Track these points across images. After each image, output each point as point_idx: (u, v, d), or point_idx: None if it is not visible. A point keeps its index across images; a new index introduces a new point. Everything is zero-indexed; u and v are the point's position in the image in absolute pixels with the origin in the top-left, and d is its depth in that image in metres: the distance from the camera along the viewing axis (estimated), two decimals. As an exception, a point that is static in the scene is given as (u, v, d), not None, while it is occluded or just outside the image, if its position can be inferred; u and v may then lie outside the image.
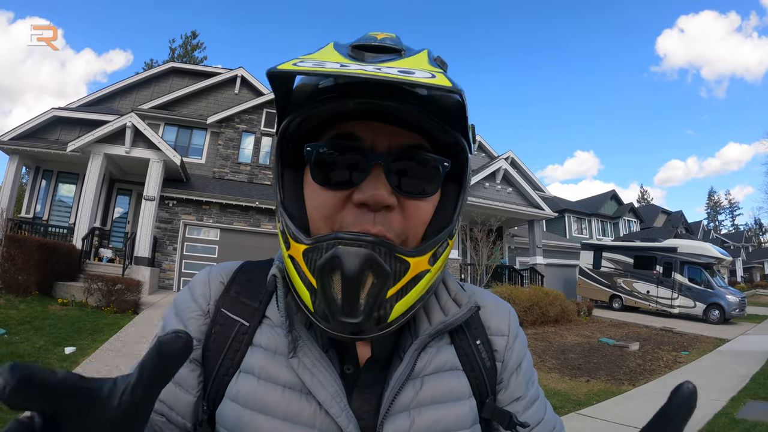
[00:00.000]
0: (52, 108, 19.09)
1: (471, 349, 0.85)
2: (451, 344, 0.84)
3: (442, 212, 0.79)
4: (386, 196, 0.69)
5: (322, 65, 0.60)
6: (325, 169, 0.72)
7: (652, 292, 21.34)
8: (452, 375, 0.81)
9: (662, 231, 39.45)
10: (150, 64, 48.66)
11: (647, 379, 9.30)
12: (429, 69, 0.64)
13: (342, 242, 0.66)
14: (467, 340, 0.86)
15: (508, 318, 0.94)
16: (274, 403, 0.73)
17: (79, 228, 14.92)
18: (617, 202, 42.90)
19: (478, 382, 0.84)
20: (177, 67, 24.46)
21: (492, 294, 0.99)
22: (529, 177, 29.05)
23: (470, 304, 0.84)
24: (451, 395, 0.79)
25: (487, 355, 0.87)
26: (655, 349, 12.31)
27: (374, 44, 0.72)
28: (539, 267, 22.52)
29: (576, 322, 16.60)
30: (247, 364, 0.77)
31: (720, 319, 18.91)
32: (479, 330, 0.89)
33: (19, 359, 4.66)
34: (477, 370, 0.84)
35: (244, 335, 0.80)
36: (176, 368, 0.43)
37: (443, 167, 0.74)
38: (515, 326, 0.94)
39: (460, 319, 0.82)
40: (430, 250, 0.73)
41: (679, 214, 50.73)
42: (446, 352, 0.82)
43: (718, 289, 19.73)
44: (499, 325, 0.91)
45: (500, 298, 0.99)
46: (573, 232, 36.62)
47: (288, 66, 0.60)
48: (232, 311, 0.82)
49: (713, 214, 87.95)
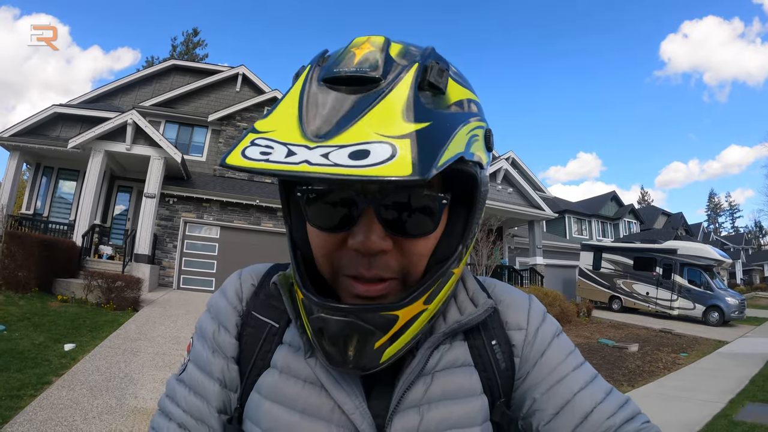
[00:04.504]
0: (53, 105, 19.02)
1: (485, 349, 0.84)
2: (464, 341, 0.83)
3: (447, 240, 0.75)
4: (378, 241, 0.66)
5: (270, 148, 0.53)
6: (318, 213, 0.70)
7: (652, 293, 21.38)
8: (463, 371, 0.80)
9: (662, 233, 39.42)
10: (151, 61, 48.62)
11: (646, 380, 9.33)
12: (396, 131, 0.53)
13: (324, 311, 0.67)
14: (482, 340, 0.85)
15: (527, 310, 0.90)
16: (294, 397, 0.76)
17: (79, 225, 14.92)
18: (618, 203, 42.86)
19: (491, 383, 0.83)
20: (178, 65, 24.42)
21: (512, 288, 0.97)
22: (530, 177, 29.07)
23: (487, 305, 0.83)
24: (462, 391, 0.79)
25: (503, 356, 0.85)
26: (654, 350, 12.34)
27: (348, 75, 0.61)
28: (539, 267, 22.62)
29: (575, 323, 16.63)
30: (274, 360, 0.81)
31: (719, 321, 18.98)
32: (497, 329, 0.87)
33: (19, 355, 4.71)
34: (490, 371, 0.83)
35: (275, 336, 0.83)
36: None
37: (441, 205, 0.69)
38: (537, 317, 0.90)
39: (475, 319, 0.81)
40: (423, 295, 0.70)
41: (679, 216, 50.71)
42: (459, 349, 0.82)
43: (717, 291, 19.78)
44: (516, 319, 0.89)
45: (522, 291, 0.97)
46: (573, 232, 36.63)
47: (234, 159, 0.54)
48: (262, 313, 0.86)
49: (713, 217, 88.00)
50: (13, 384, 6.10)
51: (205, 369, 0.85)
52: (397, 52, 0.66)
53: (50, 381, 6.34)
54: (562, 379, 0.84)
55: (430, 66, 0.64)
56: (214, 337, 0.86)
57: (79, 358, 7.46)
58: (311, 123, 0.56)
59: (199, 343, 0.88)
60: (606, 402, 0.82)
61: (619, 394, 0.86)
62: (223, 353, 0.85)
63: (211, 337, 0.86)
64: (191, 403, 0.84)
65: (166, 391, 0.89)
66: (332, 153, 0.50)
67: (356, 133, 0.53)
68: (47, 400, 5.67)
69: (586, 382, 0.84)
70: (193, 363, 0.87)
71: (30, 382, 6.24)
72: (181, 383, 0.87)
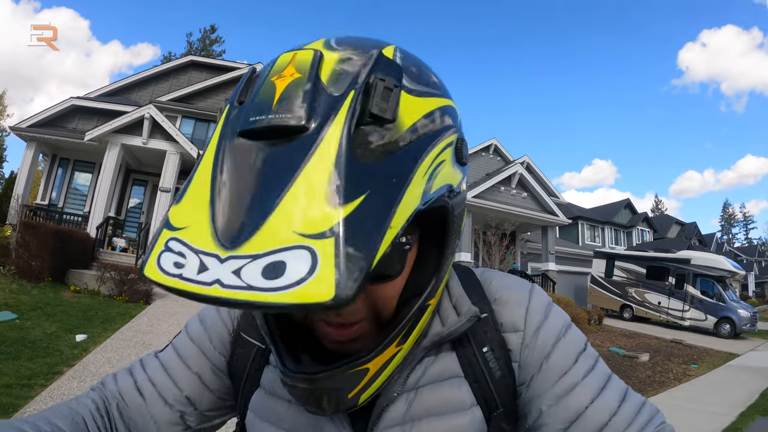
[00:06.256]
0: (70, 97, 19.27)
1: (476, 358, 0.78)
2: (452, 351, 0.78)
3: (419, 274, 0.70)
4: None
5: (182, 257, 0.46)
6: None
7: (664, 303, 21.22)
8: (451, 384, 0.76)
9: (676, 242, 39.14)
10: (168, 56, 49.04)
11: (657, 390, 9.27)
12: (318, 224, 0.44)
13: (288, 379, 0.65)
14: (471, 348, 0.78)
15: (525, 309, 0.81)
16: (280, 416, 0.78)
17: (93, 216, 15.08)
18: (631, 211, 42.62)
19: (485, 394, 0.77)
20: (196, 61, 24.56)
21: (512, 281, 0.87)
22: (544, 183, 28.95)
23: (470, 313, 0.76)
24: (449, 406, 0.75)
25: (498, 363, 0.78)
26: (665, 360, 12.28)
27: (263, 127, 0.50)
28: (551, 273, 22.51)
29: (586, 331, 16.48)
30: (262, 380, 0.83)
31: (731, 334, 18.79)
32: (490, 332, 0.80)
33: (31, 344, 4.73)
34: (482, 381, 0.77)
35: (262, 357, 0.84)
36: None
37: (403, 250, 0.64)
38: (537, 315, 0.81)
39: (457, 330, 0.75)
40: (395, 340, 0.65)
41: (693, 226, 50.31)
42: (445, 360, 0.78)
43: (729, 303, 19.59)
44: (512, 320, 0.80)
45: (525, 280, 0.88)
46: (586, 239, 36.43)
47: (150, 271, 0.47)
48: (250, 334, 0.86)
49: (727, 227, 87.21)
50: (24, 373, 6.13)
51: (184, 358, 0.88)
52: (330, 75, 0.54)
53: (61, 371, 6.37)
54: (572, 390, 0.76)
55: (373, 86, 0.53)
56: (202, 341, 0.88)
57: (91, 349, 7.51)
58: (222, 212, 0.47)
59: (185, 337, 0.90)
60: (622, 410, 0.74)
61: (635, 396, 0.78)
62: (207, 358, 0.87)
63: (199, 340, 0.88)
64: (160, 377, 0.86)
65: (142, 360, 0.92)
66: (245, 268, 0.42)
67: (270, 233, 0.44)
68: (58, 390, 5.69)
69: (600, 389, 0.76)
70: (174, 348, 0.90)
71: (41, 372, 6.27)
72: (156, 359, 0.90)
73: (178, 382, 0.85)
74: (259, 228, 0.44)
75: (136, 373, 0.88)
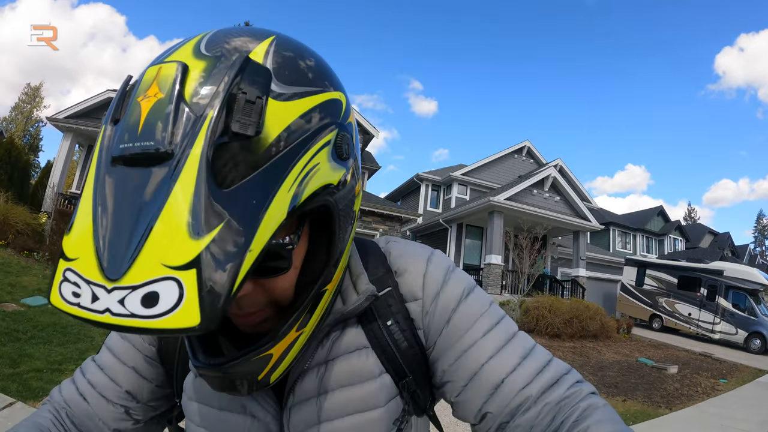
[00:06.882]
0: (107, 90, 19.75)
1: (381, 331, 0.81)
2: (358, 325, 0.81)
3: (312, 263, 0.72)
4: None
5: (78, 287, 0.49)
6: None
7: (694, 314, 20.93)
8: (359, 354, 0.80)
9: (708, 252, 38.46)
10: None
11: (684, 404, 9.20)
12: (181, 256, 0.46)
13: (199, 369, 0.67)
14: (376, 323, 0.81)
15: (422, 276, 0.84)
16: (211, 395, 0.82)
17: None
18: (664, 218, 42.15)
19: (393, 365, 0.81)
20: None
21: (411, 249, 0.90)
22: (576, 187, 28.71)
23: (368, 292, 0.78)
24: (359, 376, 0.79)
25: (404, 334, 0.82)
26: (693, 373, 12.19)
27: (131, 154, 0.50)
28: (581, 279, 22.40)
29: (615, 339, 16.56)
30: (191, 364, 0.84)
31: (761, 349, 18.35)
32: (394, 305, 0.83)
33: (62, 330, 5.05)
34: (389, 353, 0.81)
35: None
36: None
37: (288, 250, 0.64)
38: (434, 282, 0.83)
39: (357, 309, 0.78)
40: (293, 326, 0.67)
41: (726, 236, 49.25)
42: (351, 333, 0.81)
43: (761, 318, 19.17)
44: (411, 290, 0.83)
45: (426, 247, 0.91)
46: (617, 246, 36.16)
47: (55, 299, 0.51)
48: None
49: (761, 239, 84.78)
50: (55, 357, 6.44)
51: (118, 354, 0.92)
52: (193, 90, 0.53)
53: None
54: (468, 349, 0.79)
55: (236, 100, 0.52)
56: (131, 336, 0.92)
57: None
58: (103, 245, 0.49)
59: (116, 335, 0.94)
60: (518, 371, 0.77)
61: (539, 357, 0.80)
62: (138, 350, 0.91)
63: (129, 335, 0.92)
64: (98, 378, 0.91)
65: (81, 366, 0.96)
66: (127, 298, 0.46)
67: (143, 266, 0.46)
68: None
69: (496, 350, 0.79)
70: (107, 348, 0.94)
71: (72, 357, 6.57)
72: (93, 362, 0.94)
73: (115, 378, 0.90)
74: (134, 261, 0.46)
75: (77, 379, 0.93)
